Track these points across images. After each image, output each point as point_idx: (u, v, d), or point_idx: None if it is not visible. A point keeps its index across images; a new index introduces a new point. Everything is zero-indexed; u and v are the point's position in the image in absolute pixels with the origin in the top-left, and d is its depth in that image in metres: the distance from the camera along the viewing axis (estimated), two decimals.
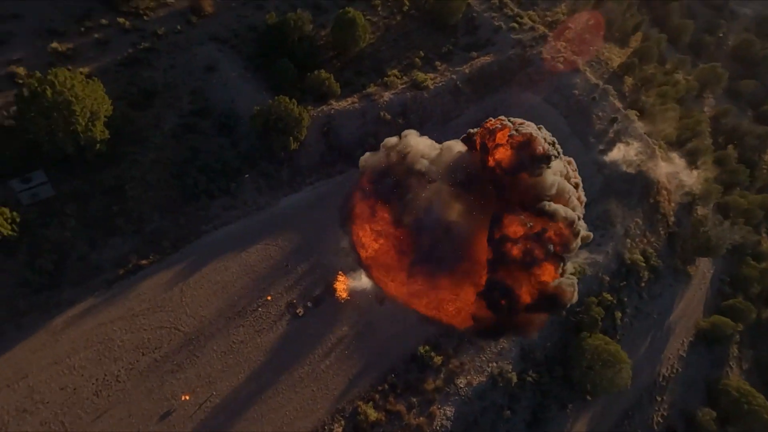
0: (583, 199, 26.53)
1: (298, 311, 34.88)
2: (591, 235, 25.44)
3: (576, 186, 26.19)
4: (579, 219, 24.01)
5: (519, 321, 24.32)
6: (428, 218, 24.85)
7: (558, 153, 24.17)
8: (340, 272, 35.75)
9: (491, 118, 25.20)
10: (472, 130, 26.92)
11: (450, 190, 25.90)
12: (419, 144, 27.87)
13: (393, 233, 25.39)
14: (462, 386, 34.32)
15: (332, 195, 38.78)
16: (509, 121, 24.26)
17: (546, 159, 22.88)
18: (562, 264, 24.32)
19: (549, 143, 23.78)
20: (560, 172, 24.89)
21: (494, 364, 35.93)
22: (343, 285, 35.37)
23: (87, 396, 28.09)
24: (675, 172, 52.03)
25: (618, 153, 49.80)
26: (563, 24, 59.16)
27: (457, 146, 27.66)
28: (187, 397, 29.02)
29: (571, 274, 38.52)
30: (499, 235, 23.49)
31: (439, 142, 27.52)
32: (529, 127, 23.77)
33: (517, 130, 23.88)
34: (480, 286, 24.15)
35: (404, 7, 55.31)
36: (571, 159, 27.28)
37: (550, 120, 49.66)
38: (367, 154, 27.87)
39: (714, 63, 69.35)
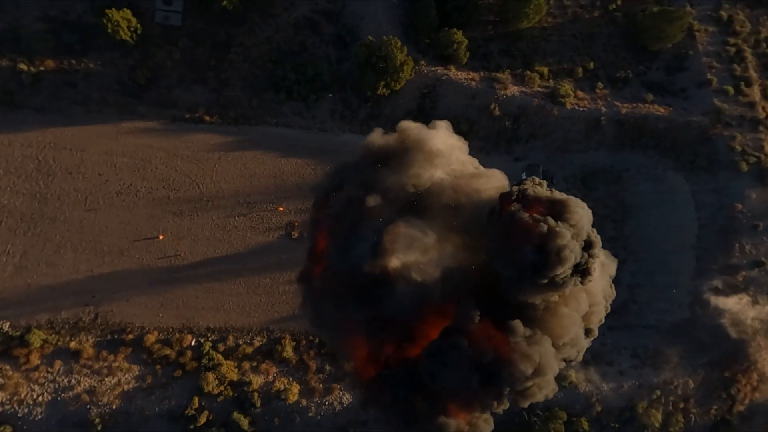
0: (599, 320, 21.82)
1: (293, 233, 36.68)
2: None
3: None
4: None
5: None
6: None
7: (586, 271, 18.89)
8: None
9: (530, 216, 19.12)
10: (518, 191, 19.93)
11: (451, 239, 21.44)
12: (453, 151, 22.90)
13: None
14: None
15: None
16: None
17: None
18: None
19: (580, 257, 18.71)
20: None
21: None
22: None
23: (111, 190, 34.34)
24: None
25: (734, 304, 38.78)
26: None
27: (495, 182, 23.35)
28: (162, 238, 33.75)
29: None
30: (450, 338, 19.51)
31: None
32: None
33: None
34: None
35: (611, 5, 45.82)
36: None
37: (678, 221, 40.01)
38: (377, 132, 23.19)
39: None
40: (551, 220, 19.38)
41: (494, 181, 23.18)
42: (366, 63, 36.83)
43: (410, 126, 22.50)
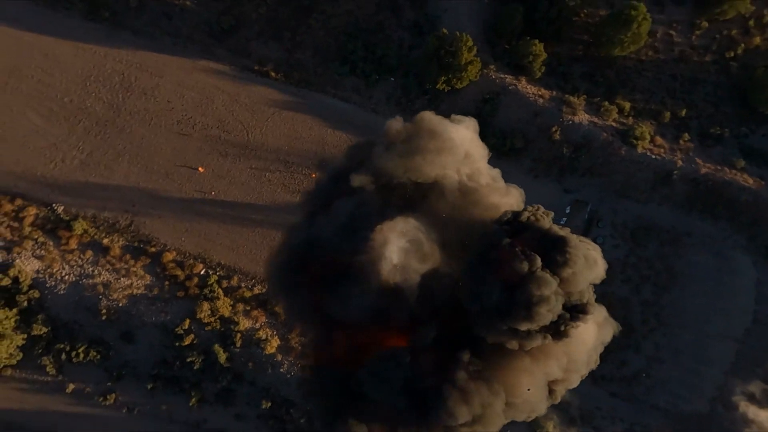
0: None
1: None
2: None
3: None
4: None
5: None
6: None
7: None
8: None
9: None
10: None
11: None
12: (468, 151, 21.23)
13: None
14: None
15: None
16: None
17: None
18: None
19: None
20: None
21: None
22: None
23: (173, 117, 37.84)
24: None
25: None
26: None
27: (509, 199, 22.00)
28: (202, 170, 36.68)
29: None
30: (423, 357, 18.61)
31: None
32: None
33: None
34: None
35: (729, 52, 40.73)
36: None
37: (729, 306, 35.42)
38: (398, 119, 22.11)
39: None
40: (538, 261, 17.64)
41: (507, 198, 21.90)
42: (433, 55, 36.40)
43: (429, 116, 21.63)
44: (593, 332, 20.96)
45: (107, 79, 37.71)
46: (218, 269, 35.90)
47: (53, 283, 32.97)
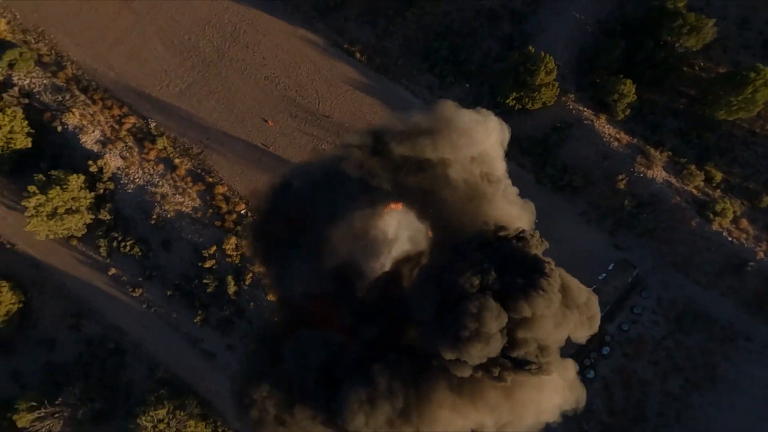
0: None
1: None
2: None
3: None
4: None
5: None
6: None
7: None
8: None
9: None
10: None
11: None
12: (496, 157, 20.83)
13: None
14: None
15: None
16: None
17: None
18: None
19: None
20: None
21: None
22: None
23: (263, 74, 42.15)
24: None
25: None
26: None
27: (513, 211, 20.74)
28: (271, 124, 40.37)
29: None
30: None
31: None
32: None
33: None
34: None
35: None
36: None
37: None
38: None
39: None
40: (491, 277, 16.12)
41: (514, 208, 21.00)
42: (512, 69, 35.81)
43: (450, 104, 21.18)
44: (553, 391, 17.96)
45: (222, 28, 43.06)
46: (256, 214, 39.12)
47: (126, 181, 38.87)
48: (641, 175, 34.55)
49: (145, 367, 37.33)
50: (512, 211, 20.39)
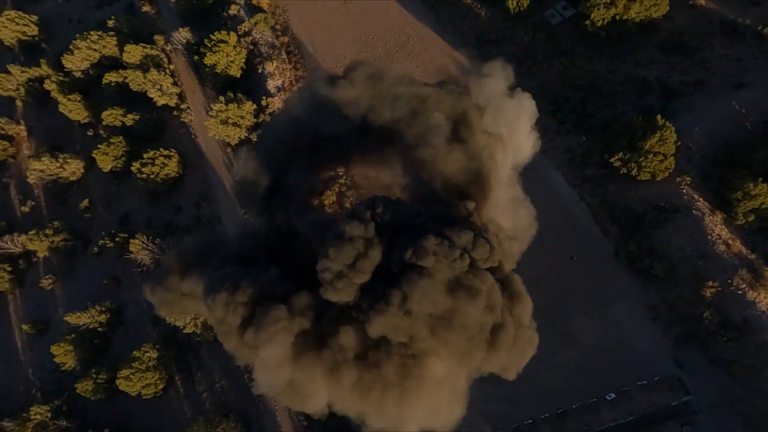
0: None
1: None
2: None
3: None
4: None
5: None
6: None
7: None
8: None
9: None
10: None
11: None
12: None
13: None
14: None
15: None
16: None
17: None
18: None
19: None
20: None
21: None
22: None
23: (377, 29, 49.04)
24: None
25: None
26: None
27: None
28: None
29: None
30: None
31: None
32: None
33: None
34: None
35: None
36: None
37: None
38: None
39: None
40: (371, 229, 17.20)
41: (512, 189, 21.63)
42: (630, 130, 34.49)
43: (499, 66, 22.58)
44: (438, 388, 17.86)
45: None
46: None
47: None
48: (739, 291, 28.75)
49: None
50: (512, 191, 20.50)
